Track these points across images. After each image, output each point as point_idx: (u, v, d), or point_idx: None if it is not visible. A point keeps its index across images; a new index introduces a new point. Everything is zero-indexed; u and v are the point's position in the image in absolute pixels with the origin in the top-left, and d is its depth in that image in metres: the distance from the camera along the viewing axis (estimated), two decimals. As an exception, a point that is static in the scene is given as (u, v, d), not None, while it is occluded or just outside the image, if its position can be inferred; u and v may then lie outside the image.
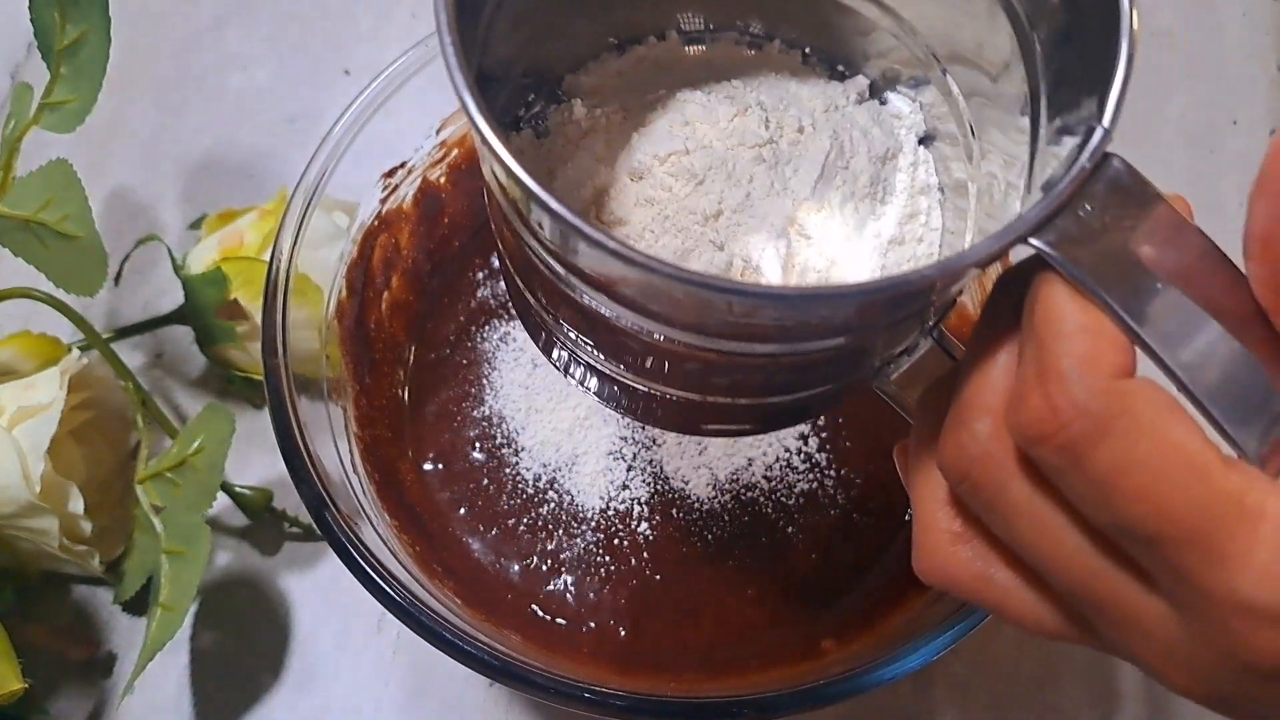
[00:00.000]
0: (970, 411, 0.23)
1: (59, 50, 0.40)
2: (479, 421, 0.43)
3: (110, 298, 0.49)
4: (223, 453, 0.40)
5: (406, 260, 0.44)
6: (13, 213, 0.39)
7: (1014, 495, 0.22)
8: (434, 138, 0.44)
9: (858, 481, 0.42)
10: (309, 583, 0.44)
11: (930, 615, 0.35)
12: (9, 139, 0.40)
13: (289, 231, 0.38)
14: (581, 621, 0.39)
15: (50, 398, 0.39)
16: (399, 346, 0.44)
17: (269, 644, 0.43)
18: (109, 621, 0.44)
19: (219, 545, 0.45)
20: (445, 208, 0.45)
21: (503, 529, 0.41)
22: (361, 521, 0.36)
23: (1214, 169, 0.52)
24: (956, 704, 0.42)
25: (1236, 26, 0.56)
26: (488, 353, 0.44)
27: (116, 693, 0.42)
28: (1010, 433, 0.22)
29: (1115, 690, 0.43)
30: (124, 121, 0.53)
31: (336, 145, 0.40)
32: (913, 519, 0.26)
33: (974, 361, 0.23)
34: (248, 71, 0.55)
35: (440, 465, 0.42)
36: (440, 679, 0.43)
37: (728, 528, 0.41)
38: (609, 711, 0.32)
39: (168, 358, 0.48)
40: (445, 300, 0.45)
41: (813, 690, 0.33)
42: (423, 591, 0.35)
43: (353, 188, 0.41)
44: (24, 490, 0.38)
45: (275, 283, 0.37)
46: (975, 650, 0.43)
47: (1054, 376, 0.20)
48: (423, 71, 0.41)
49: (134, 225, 0.51)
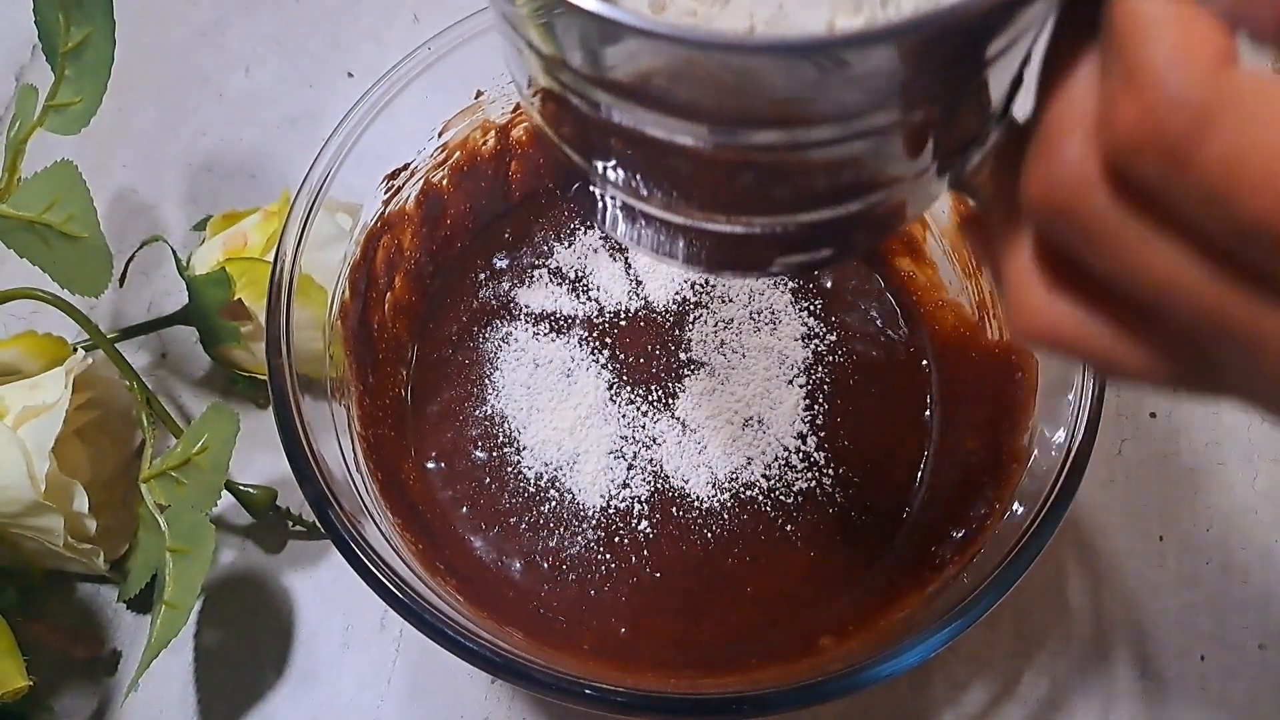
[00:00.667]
0: (1055, 138, 0.20)
1: (63, 52, 0.40)
2: (481, 421, 0.43)
3: (115, 298, 0.50)
4: (227, 452, 0.40)
5: (409, 261, 0.45)
6: (18, 214, 0.39)
7: (1115, 222, 0.19)
8: (436, 140, 0.44)
9: (856, 480, 0.42)
10: (312, 581, 0.44)
11: (928, 613, 0.35)
12: (14, 141, 0.40)
13: (293, 232, 0.39)
14: (582, 618, 0.40)
15: (55, 397, 0.39)
16: (402, 346, 0.44)
17: (273, 642, 0.43)
18: (113, 620, 0.44)
19: (223, 544, 0.45)
20: (447, 209, 0.46)
21: (504, 527, 0.41)
22: (365, 520, 0.36)
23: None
24: (954, 701, 0.42)
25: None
26: (489, 353, 0.44)
27: (121, 690, 0.42)
28: (1104, 153, 0.19)
29: (1115, 690, 0.43)
30: (128, 123, 0.54)
31: (339, 147, 0.40)
32: (999, 288, 0.24)
33: (1050, 86, 0.20)
34: (251, 73, 0.55)
35: (442, 464, 0.42)
36: (443, 676, 0.43)
37: (727, 526, 0.41)
38: (610, 708, 0.33)
39: (172, 358, 0.49)
40: (447, 301, 0.45)
41: (811, 687, 0.33)
42: (425, 589, 0.35)
43: (356, 189, 0.41)
44: (29, 489, 0.38)
45: (279, 283, 0.38)
46: (973, 647, 0.43)
47: (1145, 75, 0.18)
48: (425, 74, 0.42)
49: (138, 226, 0.51)
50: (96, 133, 0.42)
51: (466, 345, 0.45)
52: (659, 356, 0.44)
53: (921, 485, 0.42)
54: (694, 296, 0.45)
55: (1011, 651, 0.43)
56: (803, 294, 0.45)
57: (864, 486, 0.42)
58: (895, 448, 0.43)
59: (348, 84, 0.55)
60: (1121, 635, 0.44)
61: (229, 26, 0.56)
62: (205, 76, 0.55)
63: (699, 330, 0.44)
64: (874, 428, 0.43)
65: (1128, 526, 0.45)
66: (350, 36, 0.56)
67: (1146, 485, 0.46)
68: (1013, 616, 0.44)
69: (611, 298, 0.45)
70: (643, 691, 0.33)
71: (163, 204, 0.52)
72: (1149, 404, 0.48)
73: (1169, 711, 0.43)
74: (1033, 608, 0.44)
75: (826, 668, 0.34)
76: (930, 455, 0.43)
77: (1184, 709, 0.43)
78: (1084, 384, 0.37)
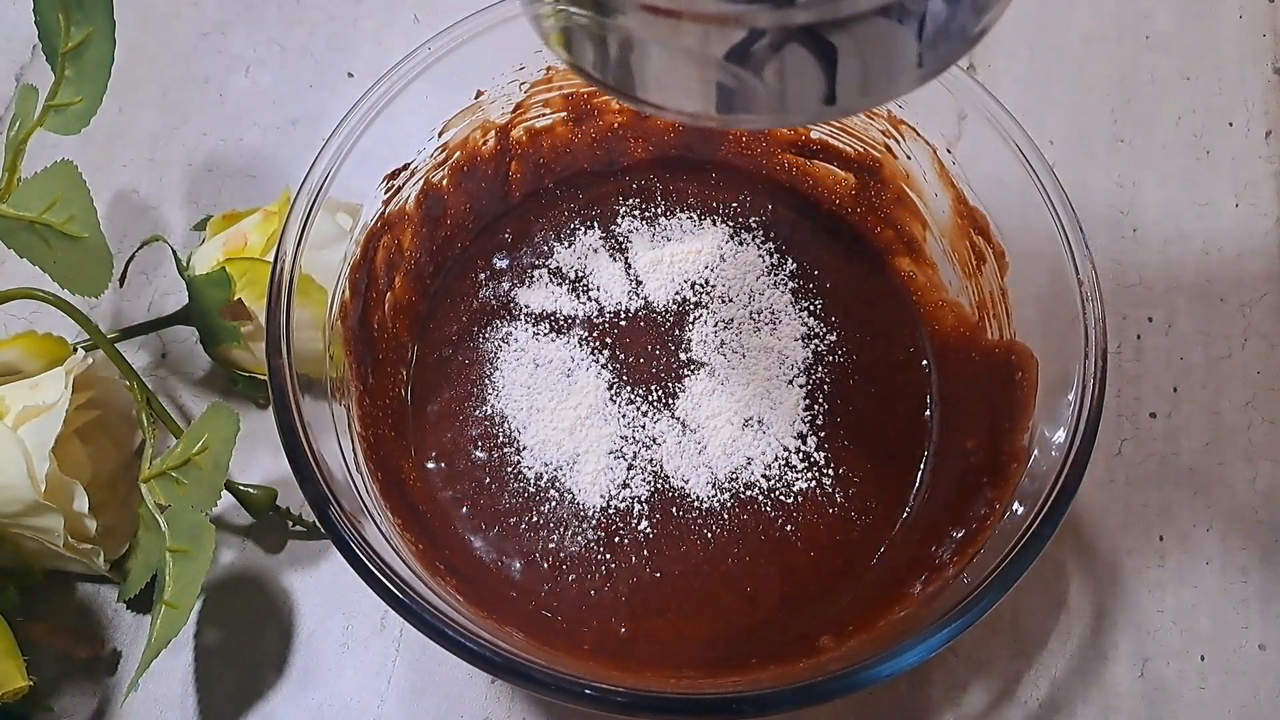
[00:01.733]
0: None
1: (64, 52, 0.40)
2: (481, 421, 0.43)
3: (115, 298, 0.50)
4: (227, 452, 0.40)
5: (409, 261, 0.45)
6: (18, 214, 0.39)
7: None
8: (436, 140, 0.44)
9: (856, 480, 0.42)
10: (312, 581, 0.44)
11: (927, 613, 0.35)
12: (14, 141, 0.40)
13: (293, 232, 0.39)
14: (582, 618, 0.40)
15: (55, 397, 0.39)
16: (402, 346, 0.44)
17: (273, 642, 0.43)
18: (113, 619, 0.44)
19: (223, 543, 0.45)
20: (447, 209, 0.46)
21: (504, 527, 0.41)
22: (365, 520, 0.36)
23: (1210, 170, 0.53)
24: (953, 701, 0.42)
25: (1233, 29, 0.56)
26: (490, 353, 0.44)
27: (121, 690, 0.42)
28: None
29: (1114, 689, 0.43)
30: (128, 123, 0.54)
31: (340, 147, 0.40)
32: None
33: None
34: (251, 74, 0.55)
35: (443, 464, 0.42)
36: (443, 676, 0.43)
37: (727, 526, 0.41)
38: (610, 708, 0.33)
39: (172, 358, 0.49)
40: (447, 301, 0.45)
41: (811, 687, 0.33)
42: (425, 589, 0.35)
43: (356, 189, 0.41)
44: (29, 489, 0.38)
45: (279, 283, 0.38)
46: (972, 648, 0.43)
47: None
48: (425, 74, 0.42)
49: (138, 226, 0.51)
50: (96, 133, 0.42)
51: (466, 345, 0.45)
52: (659, 356, 0.44)
53: (921, 485, 0.42)
54: (694, 296, 0.45)
55: (1011, 651, 0.43)
56: (803, 294, 0.45)
57: (864, 486, 0.42)
58: (895, 448, 0.43)
59: (348, 84, 0.55)
60: (1121, 635, 0.44)
61: (230, 27, 0.56)
62: (206, 77, 0.55)
63: (699, 330, 0.44)
64: (874, 428, 0.43)
65: (1128, 526, 0.46)
66: (351, 37, 0.56)
67: (1146, 485, 0.46)
68: (1013, 616, 0.44)
69: (611, 298, 0.45)
70: (643, 691, 0.33)
71: (163, 204, 0.52)
72: (1149, 404, 0.48)
73: (1169, 711, 0.43)
74: (1033, 608, 0.44)
75: (826, 668, 0.34)
76: (930, 455, 0.43)
77: (1184, 709, 0.43)
78: (1084, 384, 0.37)
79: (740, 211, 0.47)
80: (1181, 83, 0.55)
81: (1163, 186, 0.53)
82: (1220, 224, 0.52)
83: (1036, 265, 0.40)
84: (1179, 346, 0.49)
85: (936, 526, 0.40)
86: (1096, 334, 0.37)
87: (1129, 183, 0.52)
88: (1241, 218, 0.52)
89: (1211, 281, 0.50)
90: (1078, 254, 0.38)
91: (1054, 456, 0.36)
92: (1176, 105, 0.54)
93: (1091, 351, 0.37)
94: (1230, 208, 0.52)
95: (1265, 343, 0.49)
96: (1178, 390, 0.48)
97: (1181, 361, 0.49)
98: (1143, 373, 0.48)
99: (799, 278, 0.46)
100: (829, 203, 0.47)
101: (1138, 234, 0.51)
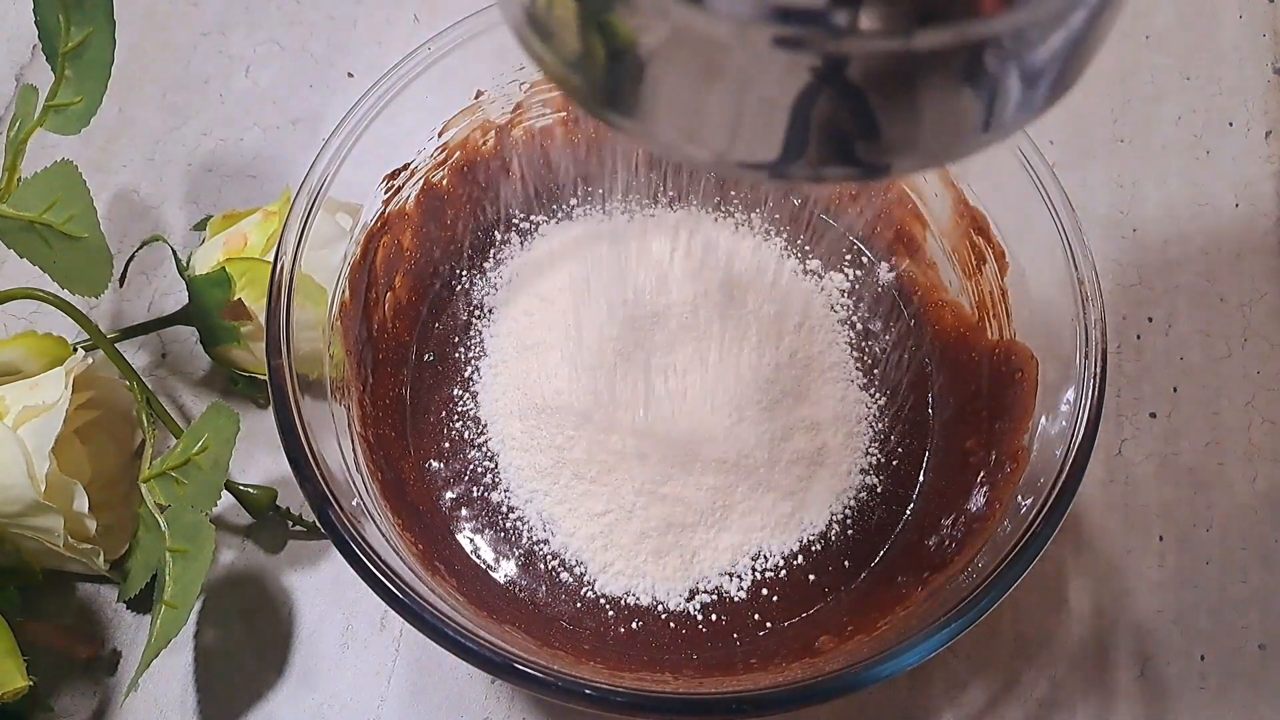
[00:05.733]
0: None
1: (64, 52, 0.40)
2: (482, 421, 0.43)
3: (115, 298, 0.50)
4: (227, 452, 0.40)
5: (409, 261, 0.45)
6: (18, 214, 0.39)
7: None
8: (436, 140, 0.44)
9: (856, 479, 0.42)
10: (312, 581, 0.44)
11: (927, 613, 0.35)
12: (14, 141, 0.40)
13: (293, 232, 0.39)
14: (582, 618, 0.40)
15: (55, 397, 0.39)
16: (402, 347, 0.44)
17: (272, 642, 0.43)
18: (113, 619, 0.44)
19: (223, 543, 0.45)
20: (447, 209, 0.46)
21: (505, 527, 0.41)
22: (365, 520, 0.36)
23: (1210, 171, 0.53)
24: (953, 701, 0.42)
25: (1232, 29, 0.56)
26: (490, 352, 0.44)
27: (120, 690, 0.42)
28: None
29: (1114, 690, 0.43)
30: (128, 123, 0.54)
31: (340, 147, 0.40)
32: None
33: None
34: (252, 74, 0.55)
35: (443, 464, 0.42)
36: (443, 676, 0.43)
37: (727, 526, 0.41)
38: (610, 708, 0.33)
39: (172, 358, 0.49)
40: (448, 300, 0.45)
41: (811, 687, 0.33)
42: (425, 589, 0.35)
43: (356, 189, 0.41)
44: (29, 489, 0.38)
45: (279, 283, 0.38)
46: (972, 648, 0.43)
47: None
48: (425, 74, 0.42)
49: (138, 226, 0.51)
50: (97, 133, 0.42)
51: (467, 345, 0.45)
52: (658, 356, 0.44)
53: (922, 485, 0.42)
54: (695, 292, 0.45)
55: (1011, 651, 0.43)
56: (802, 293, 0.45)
57: (864, 486, 0.42)
58: (895, 448, 0.43)
59: (348, 84, 0.55)
60: (1121, 635, 0.44)
61: (230, 28, 0.56)
62: (206, 77, 0.55)
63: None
64: (874, 427, 0.43)
65: (1128, 526, 0.46)
66: (351, 37, 0.56)
67: (1146, 485, 0.46)
68: (1013, 616, 0.44)
69: (613, 296, 0.45)
70: (643, 691, 0.33)
71: (163, 204, 0.52)
72: (1149, 404, 0.48)
73: (1169, 711, 0.43)
74: (1033, 608, 0.44)
75: (825, 668, 0.34)
76: (930, 455, 0.43)
77: (1184, 709, 0.43)
78: (1084, 384, 0.37)
79: (741, 209, 0.47)
80: (1181, 83, 0.55)
81: (1163, 186, 0.53)
82: (1220, 224, 0.52)
83: (1036, 265, 0.40)
84: (1179, 346, 0.49)
85: (937, 526, 0.40)
86: (1096, 334, 0.37)
87: (1129, 183, 0.52)
88: (1241, 218, 0.52)
89: (1211, 281, 0.50)
90: (1078, 254, 0.38)
91: (1054, 456, 0.36)
92: (1176, 105, 0.54)
93: (1091, 351, 0.37)
94: (1230, 208, 0.52)
95: (1265, 343, 0.49)
96: (1178, 390, 0.48)
97: (1181, 361, 0.49)
98: (1143, 373, 0.48)
99: (799, 277, 0.46)
100: (829, 201, 0.47)
101: (1138, 234, 0.51)
